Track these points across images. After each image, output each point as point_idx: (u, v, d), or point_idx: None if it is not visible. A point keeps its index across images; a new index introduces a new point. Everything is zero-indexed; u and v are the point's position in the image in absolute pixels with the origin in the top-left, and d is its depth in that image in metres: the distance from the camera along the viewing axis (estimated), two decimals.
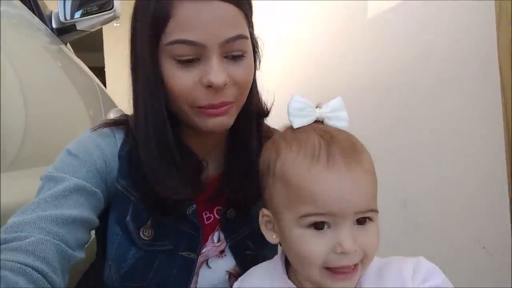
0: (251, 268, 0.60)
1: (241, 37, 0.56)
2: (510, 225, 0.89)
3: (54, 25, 1.26)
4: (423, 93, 1.23)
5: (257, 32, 0.65)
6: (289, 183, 0.47)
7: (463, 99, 1.10)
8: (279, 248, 0.77)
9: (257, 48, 0.65)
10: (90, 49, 3.21)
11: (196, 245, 0.65)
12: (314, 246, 0.45)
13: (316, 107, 0.52)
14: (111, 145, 0.63)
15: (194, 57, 0.55)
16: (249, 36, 0.59)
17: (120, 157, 0.63)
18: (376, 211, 0.47)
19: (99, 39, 3.93)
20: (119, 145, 0.63)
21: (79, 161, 0.59)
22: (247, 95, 0.62)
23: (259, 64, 0.66)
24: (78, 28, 1.26)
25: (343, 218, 0.45)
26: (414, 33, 1.26)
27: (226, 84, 0.56)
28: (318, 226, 0.45)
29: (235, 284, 0.58)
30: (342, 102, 0.52)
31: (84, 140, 0.63)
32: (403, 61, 1.30)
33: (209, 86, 0.55)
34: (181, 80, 0.56)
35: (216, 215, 0.68)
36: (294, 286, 0.51)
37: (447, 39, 1.14)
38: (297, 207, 0.46)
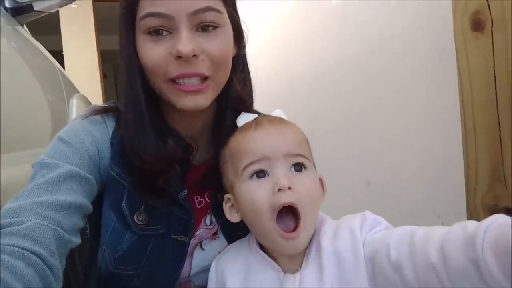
0: (227, 247, 0.64)
1: (210, 9, 0.56)
2: (464, 197, 0.96)
3: (7, 5, 1.19)
4: (384, 79, 1.28)
5: None
6: (232, 153, 0.57)
7: (420, 79, 1.16)
8: None
9: (242, 32, 0.66)
10: (46, 32, 3.03)
11: (188, 229, 0.67)
12: (258, 190, 0.52)
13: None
14: (102, 132, 0.63)
15: (164, 29, 0.56)
16: (222, 11, 0.59)
17: (112, 144, 0.63)
18: (306, 157, 0.55)
19: (55, 21, 3.72)
20: (110, 132, 0.64)
21: (71, 148, 0.59)
22: (225, 73, 0.62)
23: (244, 48, 0.67)
24: (35, 8, 1.19)
25: (276, 161, 0.53)
26: (376, 21, 1.30)
27: (195, 55, 0.56)
28: (259, 175, 0.53)
29: (213, 262, 0.62)
30: (282, 112, 0.62)
31: (75, 127, 0.62)
32: (367, 48, 1.34)
33: (179, 57, 0.55)
34: (152, 52, 0.57)
35: (207, 199, 0.70)
36: (266, 255, 0.56)
37: (408, 28, 1.18)
38: (239, 163, 0.54)
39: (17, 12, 1.20)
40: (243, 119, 0.60)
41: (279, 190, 0.51)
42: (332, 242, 0.53)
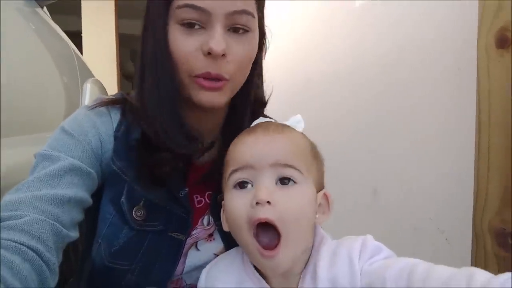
0: (219, 256, 0.62)
1: (246, 12, 0.57)
2: (471, 218, 0.94)
3: None
4: (401, 90, 1.26)
5: None
6: (226, 158, 0.54)
7: (437, 92, 1.13)
8: None
9: (265, 39, 0.66)
10: (66, 11, 3.05)
11: (185, 227, 0.66)
12: (238, 202, 0.49)
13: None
14: (107, 124, 0.63)
15: (199, 23, 0.56)
16: (255, 16, 0.59)
17: (115, 137, 0.62)
18: (297, 169, 0.49)
19: (77, 1, 3.74)
20: (115, 125, 0.63)
21: (74, 140, 0.59)
22: (244, 77, 0.62)
23: (265, 54, 0.67)
24: None
25: (261, 170, 0.48)
26: (397, 30, 1.27)
27: (224, 55, 0.56)
28: (242, 185, 0.50)
29: (203, 272, 0.59)
30: (301, 119, 0.57)
31: (79, 118, 0.62)
32: (386, 57, 1.31)
33: (209, 54, 0.55)
34: (182, 45, 0.57)
35: (207, 200, 0.70)
36: (258, 274, 0.52)
37: (430, 40, 1.15)
38: (227, 169, 0.52)
39: None
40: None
41: (257, 203, 0.47)
42: (329, 267, 0.50)
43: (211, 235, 0.70)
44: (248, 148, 0.51)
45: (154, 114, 0.60)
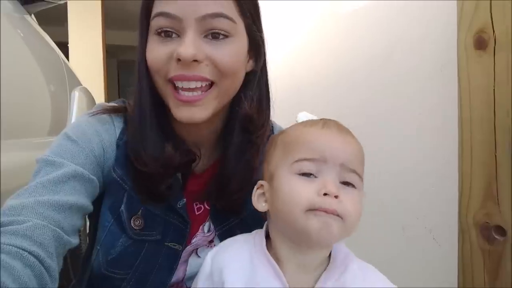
0: (226, 240, 0.59)
1: (220, 15, 0.55)
2: (457, 219, 0.96)
3: None
4: (385, 86, 1.29)
5: None
6: (288, 141, 0.54)
7: (422, 95, 1.17)
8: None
9: (260, 47, 0.64)
10: (53, 22, 3.05)
11: (182, 237, 0.66)
12: (301, 189, 0.49)
13: None
14: (109, 132, 0.63)
15: (174, 31, 0.56)
16: (236, 21, 0.57)
17: (118, 146, 0.62)
18: (360, 177, 0.51)
19: (63, 12, 3.73)
20: (117, 133, 0.63)
21: (77, 147, 0.59)
22: (231, 83, 0.60)
23: (261, 65, 0.65)
24: None
25: (331, 167, 0.49)
26: (382, 35, 1.31)
27: (196, 61, 0.55)
28: (305, 173, 0.50)
29: (209, 256, 0.57)
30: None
31: (83, 125, 0.62)
32: (375, 54, 1.35)
33: (179, 60, 0.55)
34: (157, 52, 0.57)
35: (206, 206, 0.69)
36: (273, 261, 0.52)
37: (411, 38, 1.20)
38: (292, 154, 0.51)
39: (27, 0, 1.21)
40: (303, 117, 0.58)
41: (325, 194, 0.47)
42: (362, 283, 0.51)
43: (211, 241, 0.70)
44: (324, 141, 0.51)
45: (137, 124, 0.61)
